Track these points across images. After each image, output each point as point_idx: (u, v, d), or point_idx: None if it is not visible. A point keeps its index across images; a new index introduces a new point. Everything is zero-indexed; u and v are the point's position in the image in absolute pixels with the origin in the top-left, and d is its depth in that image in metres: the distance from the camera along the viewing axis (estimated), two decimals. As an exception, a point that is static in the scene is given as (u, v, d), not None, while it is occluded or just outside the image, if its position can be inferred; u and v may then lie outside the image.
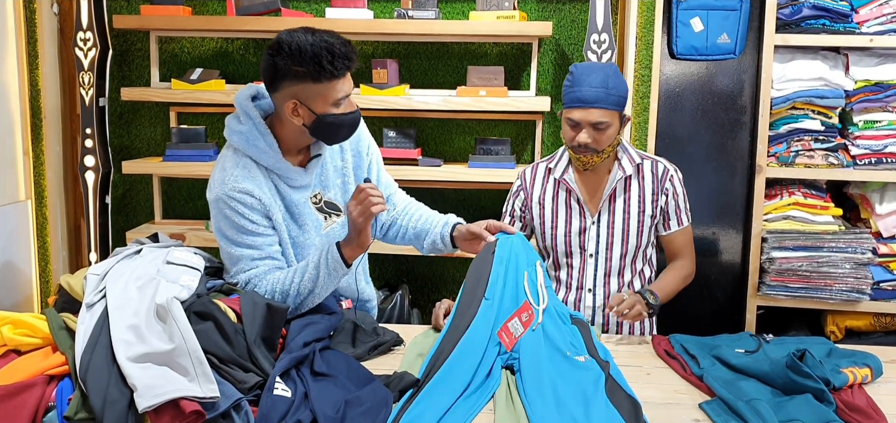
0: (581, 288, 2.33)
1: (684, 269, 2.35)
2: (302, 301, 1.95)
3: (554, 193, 2.34)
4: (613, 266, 2.31)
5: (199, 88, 3.10)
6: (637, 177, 2.29)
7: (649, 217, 2.29)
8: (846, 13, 2.79)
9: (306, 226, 2.05)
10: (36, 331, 1.68)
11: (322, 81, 1.88)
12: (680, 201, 2.31)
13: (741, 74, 3.03)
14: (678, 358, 1.90)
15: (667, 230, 2.33)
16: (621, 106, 2.18)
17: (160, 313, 1.63)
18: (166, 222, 3.35)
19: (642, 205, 2.28)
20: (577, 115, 2.17)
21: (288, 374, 1.64)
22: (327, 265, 1.92)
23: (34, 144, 3.16)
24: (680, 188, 2.31)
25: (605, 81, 2.15)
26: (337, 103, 1.92)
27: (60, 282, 1.86)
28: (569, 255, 2.33)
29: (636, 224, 2.28)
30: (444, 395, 1.66)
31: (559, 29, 3.20)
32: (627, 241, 2.29)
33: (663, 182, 2.29)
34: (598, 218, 2.29)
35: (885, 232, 2.84)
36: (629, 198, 2.28)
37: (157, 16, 3.10)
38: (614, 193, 2.28)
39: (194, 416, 1.43)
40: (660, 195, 2.29)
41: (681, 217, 2.32)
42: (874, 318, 2.91)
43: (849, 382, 1.72)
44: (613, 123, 2.17)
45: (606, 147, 2.18)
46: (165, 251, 1.90)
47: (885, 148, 2.81)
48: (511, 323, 1.89)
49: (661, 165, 2.31)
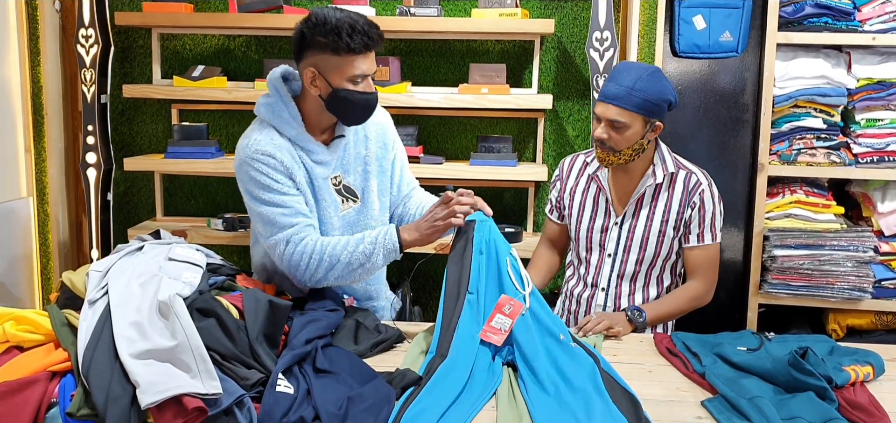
0: (595, 286, 2.33)
1: (695, 290, 2.29)
2: (347, 273, 2.00)
3: (586, 187, 2.35)
4: (628, 270, 2.30)
5: (201, 85, 3.10)
6: (668, 186, 2.26)
7: (672, 228, 2.25)
8: (848, 11, 2.78)
9: (324, 202, 2.09)
10: (38, 327, 1.68)
11: (340, 53, 1.95)
12: (707, 217, 2.25)
13: (743, 72, 3.02)
14: (680, 356, 1.90)
15: (687, 244, 2.28)
16: (646, 110, 2.13)
17: (162, 309, 1.63)
18: (168, 219, 3.35)
19: (667, 215, 2.25)
20: (599, 109, 2.19)
21: (290, 371, 1.64)
22: (384, 245, 1.98)
23: (36, 140, 3.16)
24: (710, 204, 2.25)
25: (633, 81, 2.13)
26: (354, 80, 1.99)
27: (62, 279, 1.86)
28: (588, 250, 2.34)
29: (657, 233, 2.25)
30: (445, 392, 1.65)
31: (561, 26, 3.20)
32: (645, 247, 2.27)
33: (692, 194, 2.24)
34: (622, 220, 2.28)
35: (887, 230, 2.84)
36: (656, 206, 2.26)
37: (158, 13, 3.10)
38: (642, 198, 2.26)
39: (197, 413, 1.43)
40: (686, 208, 2.24)
41: (703, 234, 2.26)
42: (876, 316, 2.91)
43: (851, 380, 1.72)
44: (633, 125, 2.14)
45: (624, 149, 2.16)
46: (167, 248, 1.90)
47: (887, 146, 2.81)
48: (494, 321, 1.85)
49: (694, 176, 2.26)
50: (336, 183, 2.11)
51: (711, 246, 2.28)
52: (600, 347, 1.98)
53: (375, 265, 2.00)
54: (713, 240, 2.27)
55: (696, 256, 2.28)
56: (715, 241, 2.28)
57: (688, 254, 2.29)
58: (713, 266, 2.30)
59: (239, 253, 3.38)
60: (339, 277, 2.00)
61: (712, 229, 2.27)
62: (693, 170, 2.29)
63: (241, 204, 3.37)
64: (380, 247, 1.98)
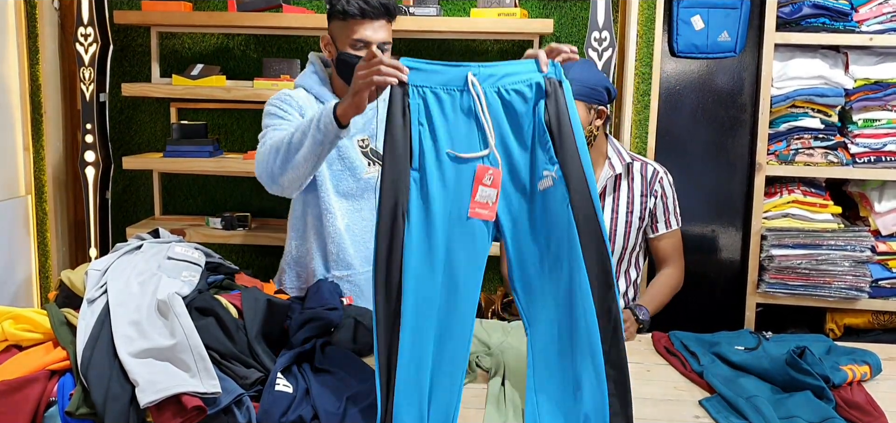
0: None
1: (672, 278, 2.34)
2: (293, 154, 1.92)
3: None
4: None
5: (200, 84, 3.10)
6: (627, 177, 2.29)
7: (638, 218, 2.28)
8: (846, 12, 2.79)
9: (350, 159, 2.17)
10: (37, 326, 1.68)
11: (347, 19, 2.06)
12: (669, 204, 2.30)
13: (741, 72, 3.03)
14: (678, 355, 1.91)
15: (654, 232, 2.32)
16: (585, 96, 2.15)
17: (161, 308, 1.63)
18: (167, 218, 3.35)
19: (631, 205, 2.28)
20: None
21: (289, 370, 1.64)
22: (321, 118, 1.85)
23: (34, 139, 3.16)
24: (670, 191, 2.30)
25: (576, 73, 2.12)
26: (354, 45, 2.08)
27: (61, 277, 1.86)
28: None
29: (624, 226, 2.28)
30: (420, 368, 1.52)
31: (560, 26, 3.20)
32: (614, 240, 2.28)
33: (653, 184, 2.28)
34: None
35: (884, 230, 2.85)
36: (618, 198, 2.28)
37: (157, 11, 3.10)
38: (604, 191, 2.28)
39: (196, 411, 1.44)
40: (649, 197, 2.28)
41: (669, 220, 2.31)
42: (873, 316, 2.92)
43: (848, 379, 1.72)
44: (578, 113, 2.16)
45: None
46: (166, 247, 1.91)
47: (884, 146, 2.81)
48: (477, 195, 1.62)
49: (650, 166, 2.31)
50: (363, 145, 2.20)
51: (677, 231, 2.35)
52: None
53: (316, 141, 1.86)
54: (678, 225, 2.34)
55: (665, 243, 2.33)
56: (679, 225, 2.34)
57: (657, 243, 2.34)
58: (681, 251, 2.38)
59: (237, 252, 3.38)
60: (288, 161, 1.93)
61: (676, 214, 2.33)
62: (646, 161, 2.34)
63: (239, 203, 3.39)
64: (317, 119, 1.87)
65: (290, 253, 2.28)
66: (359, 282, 2.23)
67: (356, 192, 2.20)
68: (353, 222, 2.21)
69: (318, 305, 1.94)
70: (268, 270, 3.17)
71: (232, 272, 1.98)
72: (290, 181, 1.99)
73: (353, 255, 2.21)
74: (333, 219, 2.18)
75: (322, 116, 1.86)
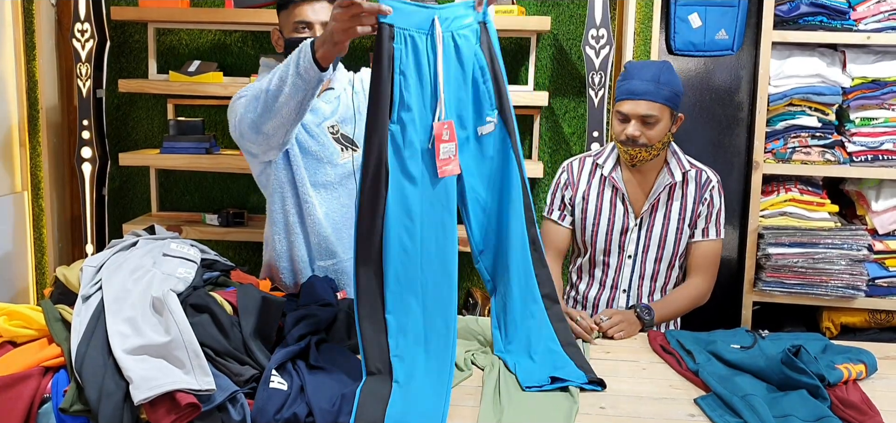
0: (616, 288, 2.31)
1: (697, 288, 2.28)
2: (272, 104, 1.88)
3: (600, 190, 2.30)
4: (648, 270, 2.28)
5: (197, 81, 3.09)
6: (682, 184, 2.25)
7: (688, 226, 2.26)
8: (844, 10, 2.79)
9: (324, 146, 2.17)
10: (31, 323, 1.68)
11: (288, 5, 2.12)
12: (714, 212, 2.26)
13: (739, 70, 3.03)
14: (674, 353, 1.91)
15: (692, 238, 2.28)
16: (672, 102, 2.15)
17: (156, 305, 1.63)
18: (163, 215, 3.35)
19: (683, 213, 2.25)
20: (626, 107, 2.16)
21: (284, 367, 1.64)
22: (298, 58, 1.80)
23: (31, 135, 3.16)
24: (718, 201, 2.26)
25: (657, 75, 2.14)
26: (298, 28, 2.11)
27: (56, 274, 1.86)
28: (607, 253, 2.30)
29: (675, 232, 2.25)
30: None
31: (557, 24, 3.20)
32: (664, 247, 2.26)
33: (704, 191, 2.25)
34: (641, 221, 2.26)
35: (881, 229, 2.85)
36: (672, 204, 2.25)
37: (154, 7, 3.09)
38: (659, 198, 2.25)
39: (190, 409, 1.43)
40: (699, 204, 2.25)
41: (708, 229, 2.26)
42: (869, 314, 2.92)
43: (843, 378, 1.72)
44: (663, 118, 2.14)
45: (656, 143, 2.16)
46: (162, 244, 1.90)
47: (881, 145, 2.81)
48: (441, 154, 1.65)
49: (704, 173, 2.27)
50: (334, 132, 2.20)
51: (716, 242, 2.28)
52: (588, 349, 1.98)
53: (297, 88, 1.83)
54: (717, 235, 2.27)
55: (700, 251, 2.27)
56: (719, 237, 2.28)
57: (693, 249, 2.29)
58: (714, 263, 2.30)
59: (234, 249, 3.38)
60: (269, 109, 1.89)
61: (718, 224, 2.27)
62: (703, 167, 2.30)
63: (236, 200, 3.39)
64: (294, 63, 1.82)
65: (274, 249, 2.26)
66: (344, 269, 2.23)
67: (333, 180, 2.20)
68: (331, 210, 2.20)
69: (313, 301, 1.93)
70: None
71: (227, 269, 1.98)
72: (274, 128, 1.94)
73: (335, 242, 2.20)
74: (312, 209, 2.17)
75: (300, 60, 1.79)
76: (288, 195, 2.18)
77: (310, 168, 2.17)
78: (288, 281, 2.24)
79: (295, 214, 2.19)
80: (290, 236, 2.20)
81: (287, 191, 2.17)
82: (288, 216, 2.19)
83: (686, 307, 2.28)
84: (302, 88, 1.82)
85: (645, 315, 2.15)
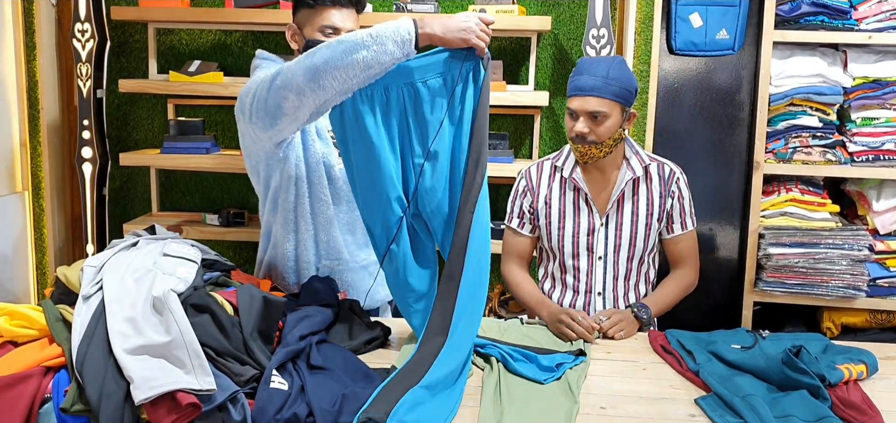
0: (590, 292, 2.29)
1: (686, 278, 2.31)
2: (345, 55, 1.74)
3: (561, 192, 2.28)
4: (621, 269, 2.27)
5: (197, 81, 3.09)
6: (645, 179, 2.25)
7: (656, 220, 2.26)
8: (845, 10, 2.79)
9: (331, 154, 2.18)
10: (32, 322, 1.68)
11: (316, 6, 2.10)
12: (685, 205, 2.27)
13: (740, 70, 3.03)
14: (674, 354, 1.91)
15: (670, 234, 2.29)
16: (623, 98, 2.14)
17: (157, 305, 1.63)
18: (163, 215, 3.35)
19: (650, 207, 2.25)
20: (574, 104, 2.15)
21: (284, 367, 1.64)
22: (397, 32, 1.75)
23: (31, 135, 3.16)
24: (686, 192, 2.28)
25: (606, 71, 2.12)
26: (323, 31, 2.11)
27: (57, 274, 1.86)
28: (576, 256, 2.28)
29: (644, 227, 2.25)
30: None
31: (558, 23, 3.20)
32: (635, 244, 2.25)
33: (670, 184, 2.25)
34: (607, 219, 2.25)
35: (882, 229, 2.85)
36: (638, 200, 2.24)
37: (155, 7, 3.09)
38: (623, 194, 2.24)
39: (190, 408, 1.43)
40: (667, 198, 2.25)
41: (685, 221, 2.28)
42: (870, 314, 2.92)
43: (844, 378, 1.72)
44: (612, 114, 2.13)
45: (606, 140, 2.15)
46: (162, 244, 1.90)
47: (882, 145, 2.81)
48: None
49: (667, 167, 2.27)
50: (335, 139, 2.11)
51: (692, 232, 2.32)
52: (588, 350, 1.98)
53: (385, 51, 1.74)
54: (693, 226, 2.32)
55: (679, 244, 2.31)
56: (694, 226, 2.32)
57: (671, 245, 2.31)
58: (696, 252, 2.35)
59: (234, 249, 3.38)
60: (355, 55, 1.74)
61: (691, 215, 2.30)
62: (663, 161, 2.30)
63: (236, 200, 3.39)
64: (391, 27, 1.75)
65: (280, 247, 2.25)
66: (348, 270, 2.23)
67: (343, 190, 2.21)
68: (341, 211, 2.21)
69: (314, 301, 1.93)
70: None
71: (228, 269, 1.98)
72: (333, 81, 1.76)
73: (342, 245, 2.20)
74: (326, 208, 2.19)
75: (400, 30, 1.73)
76: (302, 193, 2.17)
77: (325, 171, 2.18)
78: (291, 280, 2.23)
79: (307, 212, 2.19)
80: (298, 234, 2.20)
81: (302, 188, 2.17)
82: (298, 215, 2.18)
83: (677, 298, 2.31)
84: (390, 52, 1.74)
85: (642, 314, 2.15)
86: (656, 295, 2.28)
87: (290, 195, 2.17)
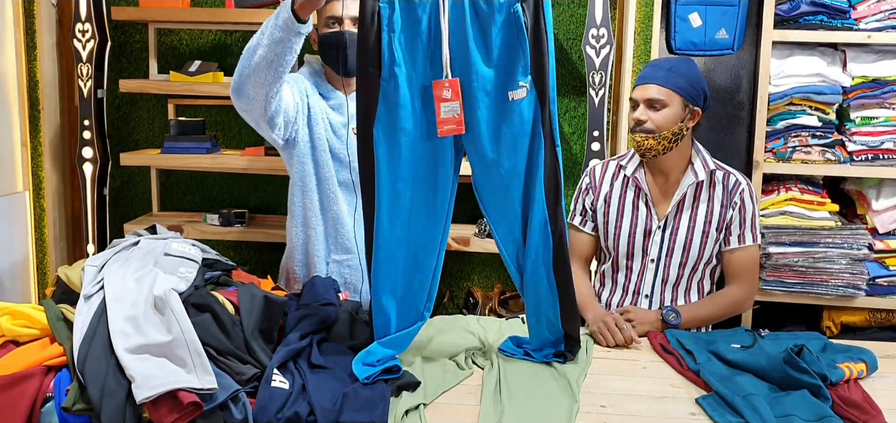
0: (638, 293, 2.27)
1: (732, 295, 2.23)
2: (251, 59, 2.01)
3: (622, 191, 2.27)
4: (671, 275, 2.24)
5: (198, 81, 3.09)
6: (708, 186, 2.21)
7: (715, 230, 2.20)
8: (844, 10, 2.79)
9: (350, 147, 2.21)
10: (34, 322, 1.68)
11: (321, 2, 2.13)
12: (747, 217, 2.21)
13: (739, 69, 3.03)
14: (674, 353, 1.91)
15: (726, 246, 2.23)
16: (684, 91, 2.13)
17: (158, 304, 1.63)
18: (164, 215, 3.35)
19: (710, 216, 2.20)
20: (635, 93, 2.18)
21: (285, 366, 1.64)
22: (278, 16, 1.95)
23: (32, 135, 3.16)
24: (750, 204, 2.20)
25: (671, 64, 2.16)
26: (327, 23, 2.21)
27: (58, 273, 1.86)
28: (630, 256, 2.26)
29: (701, 236, 2.20)
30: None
31: (558, 23, 3.20)
32: (689, 251, 2.21)
33: (733, 195, 2.20)
34: (665, 223, 2.22)
35: (882, 228, 2.85)
36: (698, 206, 2.20)
37: (155, 7, 3.09)
38: (684, 199, 2.21)
39: (192, 407, 1.44)
40: (728, 208, 2.20)
41: (744, 234, 2.21)
42: (870, 313, 2.92)
43: (845, 377, 1.72)
44: (671, 104, 2.13)
45: (664, 132, 2.13)
46: (163, 243, 1.90)
47: (881, 144, 2.81)
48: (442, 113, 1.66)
49: (733, 176, 2.23)
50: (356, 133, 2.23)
51: (752, 247, 2.23)
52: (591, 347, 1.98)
53: (274, 39, 1.96)
54: (754, 241, 2.22)
55: (736, 258, 2.22)
56: (755, 242, 2.23)
57: (728, 257, 2.23)
58: (753, 269, 2.25)
59: (235, 248, 3.38)
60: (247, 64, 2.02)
61: (753, 229, 2.22)
62: (730, 170, 2.25)
63: (237, 199, 3.39)
64: (275, 16, 1.96)
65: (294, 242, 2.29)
66: (357, 265, 2.26)
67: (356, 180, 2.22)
68: (352, 207, 2.25)
69: (315, 301, 1.94)
70: (265, 266, 3.18)
71: (229, 269, 1.98)
72: (253, 86, 2.02)
73: (352, 239, 2.23)
74: (335, 203, 2.25)
75: (280, 12, 1.92)
76: (310, 188, 2.24)
77: (336, 167, 2.24)
78: (301, 274, 2.28)
79: (317, 207, 2.24)
80: (307, 229, 2.24)
81: (310, 184, 2.22)
82: (307, 210, 2.23)
83: (721, 313, 2.22)
84: (278, 38, 1.92)
85: (671, 319, 2.11)
86: (695, 305, 2.22)
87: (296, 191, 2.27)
